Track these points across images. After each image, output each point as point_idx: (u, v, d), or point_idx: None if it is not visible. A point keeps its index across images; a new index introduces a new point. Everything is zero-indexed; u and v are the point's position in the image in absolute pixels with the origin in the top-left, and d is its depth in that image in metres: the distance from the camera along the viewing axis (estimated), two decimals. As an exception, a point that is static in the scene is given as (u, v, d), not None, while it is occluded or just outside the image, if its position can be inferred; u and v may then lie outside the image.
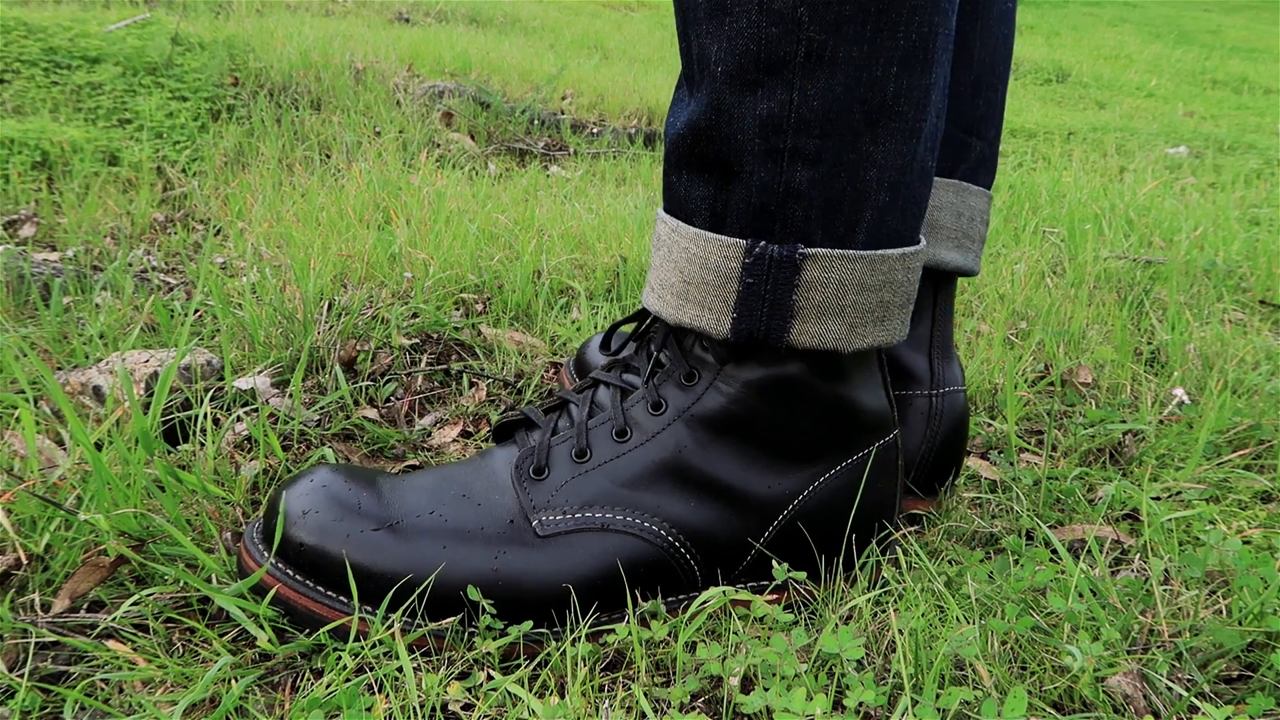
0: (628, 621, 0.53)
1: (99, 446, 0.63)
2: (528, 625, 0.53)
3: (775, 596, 0.57)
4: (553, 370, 0.92)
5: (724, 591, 0.53)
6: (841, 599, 0.57)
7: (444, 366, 0.90)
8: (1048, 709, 0.48)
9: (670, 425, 0.55)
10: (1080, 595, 0.54)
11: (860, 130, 0.48)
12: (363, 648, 0.50)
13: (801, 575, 0.55)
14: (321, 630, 0.50)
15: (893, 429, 0.58)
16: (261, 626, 0.51)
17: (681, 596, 0.55)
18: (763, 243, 0.50)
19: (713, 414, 0.54)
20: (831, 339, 0.51)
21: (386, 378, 0.87)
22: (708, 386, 0.54)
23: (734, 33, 0.47)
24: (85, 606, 0.54)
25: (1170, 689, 0.49)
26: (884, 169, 0.49)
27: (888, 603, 0.56)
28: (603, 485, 0.54)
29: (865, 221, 0.50)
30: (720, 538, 0.55)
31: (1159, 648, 0.52)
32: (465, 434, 0.81)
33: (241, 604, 0.51)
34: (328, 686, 0.48)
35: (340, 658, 0.49)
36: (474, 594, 0.50)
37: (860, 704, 0.47)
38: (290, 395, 0.77)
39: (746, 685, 0.50)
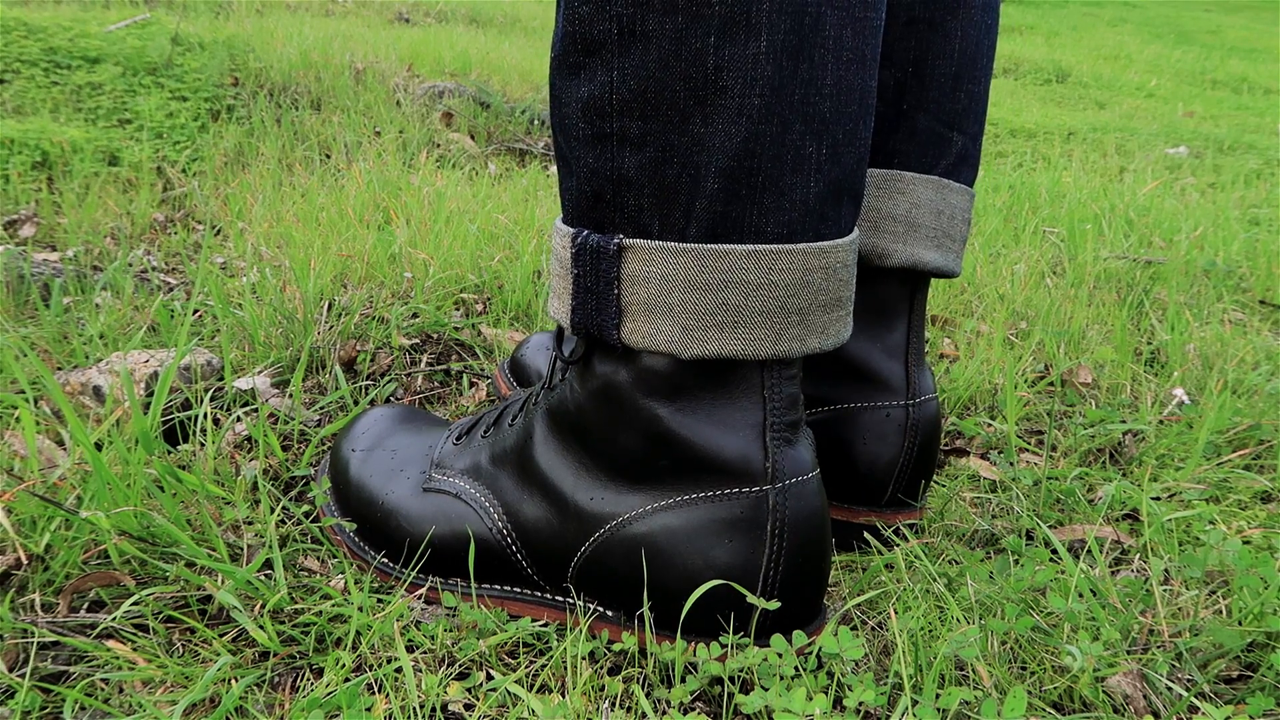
0: (635, 631, 0.53)
1: (99, 446, 0.63)
2: (526, 622, 0.53)
3: (596, 624, 0.53)
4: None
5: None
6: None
7: (444, 366, 0.90)
8: (1047, 709, 0.48)
9: (530, 415, 0.55)
10: (1080, 595, 0.54)
11: (688, 110, 0.43)
12: (363, 650, 0.50)
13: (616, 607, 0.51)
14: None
15: (762, 485, 0.48)
16: (261, 627, 0.51)
17: (513, 589, 0.55)
18: (585, 232, 0.47)
19: (556, 411, 0.53)
20: (664, 341, 0.46)
21: (386, 378, 0.87)
22: (560, 382, 0.53)
23: (562, 16, 0.45)
24: (85, 606, 0.54)
25: (1170, 689, 0.49)
26: (718, 153, 0.44)
27: (887, 603, 0.56)
28: (476, 458, 0.57)
29: (699, 212, 0.45)
30: (542, 536, 0.53)
31: (1159, 648, 0.52)
32: (465, 434, 0.81)
33: (242, 603, 0.51)
34: (328, 686, 0.48)
35: (340, 658, 0.49)
36: (348, 524, 0.60)
37: (860, 704, 0.47)
38: (290, 395, 0.77)
39: (746, 686, 0.50)
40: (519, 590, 0.55)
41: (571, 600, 0.53)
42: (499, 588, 0.55)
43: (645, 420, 0.48)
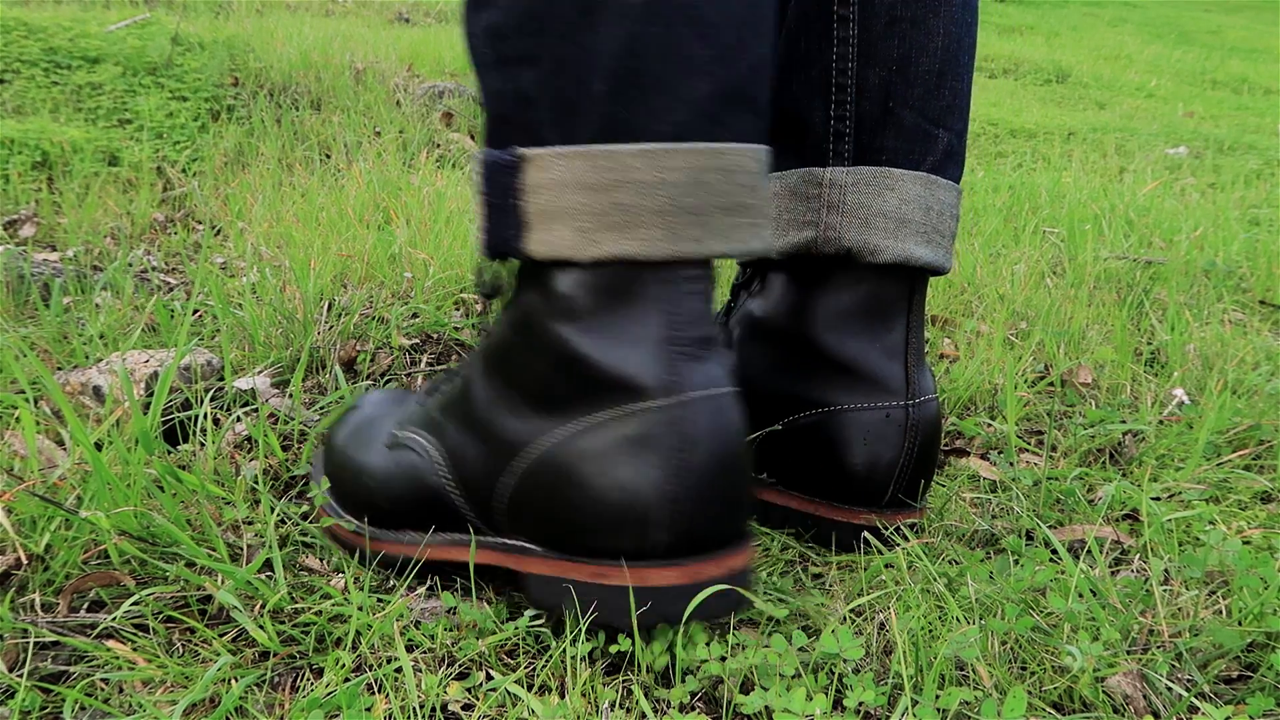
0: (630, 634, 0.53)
1: (99, 446, 0.63)
2: (524, 621, 0.53)
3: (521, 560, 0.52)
4: None
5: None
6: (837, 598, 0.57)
7: (444, 366, 0.90)
8: (1047, 709, 0.48)
9: (471, 360, 0.56)
10: (1080, 595, 0.54)
11: (574, 20, 0.45)
12: (363, 650, 0.50)
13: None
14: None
15: (663, 399, 0.47)
16: (261, 627, 0.51)
17: (460, 535, 0.55)
18: (487, 149, 0.48)
19: (488, 351, 0.54)
20: (564, 246, 0.46)
21: (386, 378, 0.87)
22: (497, 315, 0.54)
23: None
24: (85, 606, 0.54)
25: (1170, 689, 0.49)
26: (604, 56, 0.45)
27: (887, 603, 0.56)
28: (430, 411, 0.57)
29: (590, 115, 0.46)
30: (476, 476, 0.53)
31: (1159, 648, 0.52)
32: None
33: (242, 602, 0.51)
34: (328, 686, 0.48)
35: (339, 658, 0.49)
36: (325, 483, 0.61)
37: (860, 704, 0.47)
38: (290, 395, 0.77)
39: (746, 685, 0.50)
40: (462, 536, 0.55)
41: (509, 540, 0.53)
42: (449, 535, 0.56)
43: (555, 343, 0.49)
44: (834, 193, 0.62)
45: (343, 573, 0.58)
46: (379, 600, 0.56)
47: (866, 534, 0.64)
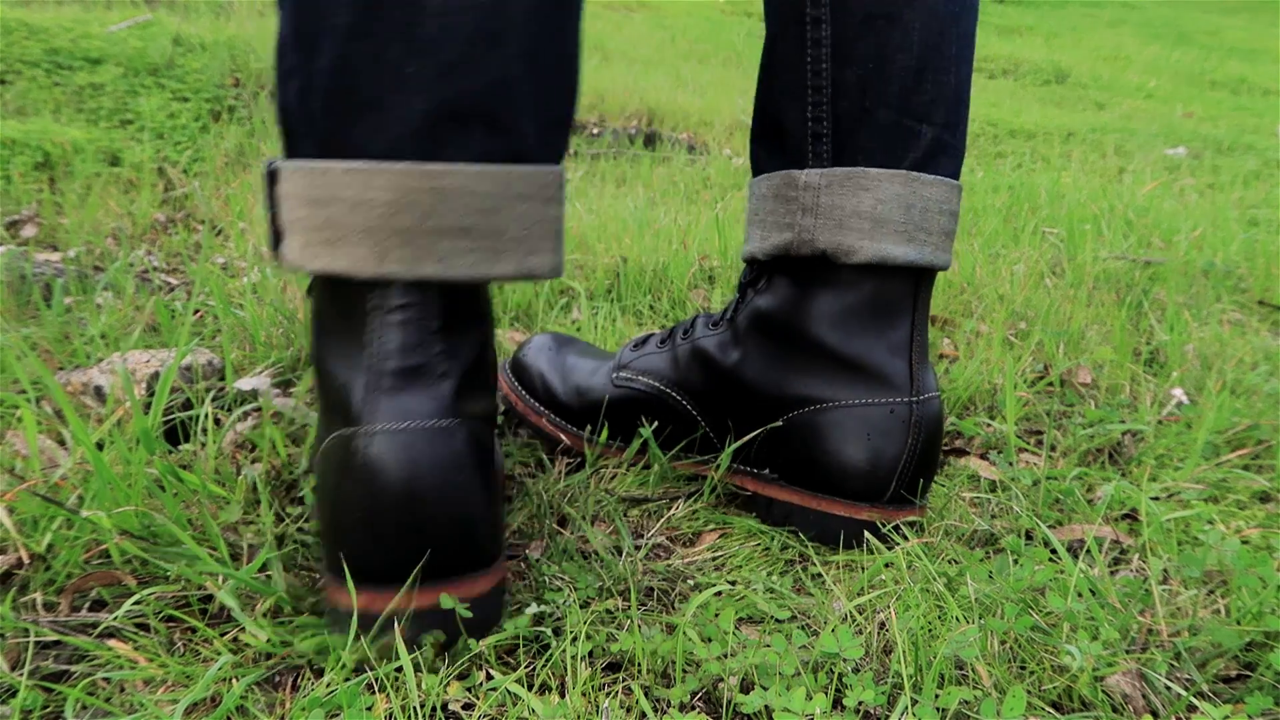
0: (630, 629, 0.53)
1: (100, 446, 0.64)
2: (524, 621, 0.53)
3: None
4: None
5: None
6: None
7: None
8: (1047, 708, 0.48)
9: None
10: (1079, 595, 0.54)
11: (311, 37, 0.47)
12: (361, 646, 0.50)
13: None
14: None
15: (359, 429, 0.47)
16: (261, 626, 0.51)
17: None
18: (266, 160, 0.50)
19: None
20: (292, 258, 0.47)
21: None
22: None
23: None
24: (87, 606, 0.54)
25: (1169, 688, 0.49)
26: (323, 74, 0.46)
27: (887, 603, 0.56)
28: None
29: (312, 132, 0.47)
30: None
31: (1158, 647, 0.52)
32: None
33: (243, 602, 0.51)
34: (328, 686, 0.48)
35: (339, 656, 0.49)
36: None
37: (860, 703, 0.48)
38: (291, 395, 0.78)
39: (746, 686, 0.50)
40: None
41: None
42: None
43: (312, 355, 0.51)
44: (808, 195, 0.62)
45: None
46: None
47: (867, 533, 0.64)
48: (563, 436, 0.75)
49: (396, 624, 0.48)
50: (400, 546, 0.48)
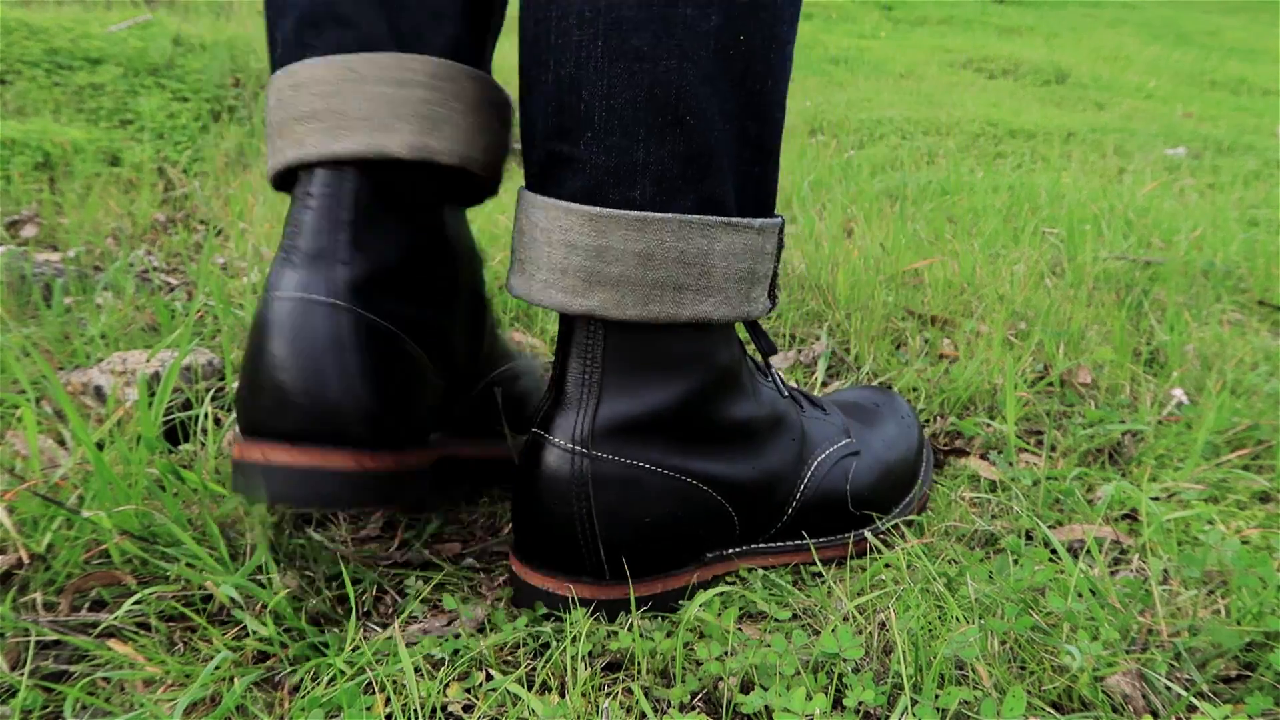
0: (630, 628, 0.53)
1: (100, 446, 0.64)
2: (522, 621, 0.53)
3: None
4: None
5: None
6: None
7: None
8: (1047, 708, 0.48)
9: None
10: (1079, 595, 0.54)
11: None
12: (363, 650, 0.50)
13: None
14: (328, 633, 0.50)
15: (267, 292, 0.52)
16: (263, 623, 0.51)
17: None
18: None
19: None
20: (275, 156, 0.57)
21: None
22: None
23: None
24: (87, 605, 0.54)
25: (1169, 688, 0.49)
26: None
27: (887, 603, 0.56)
28: None
29: (274, 48, 0.56)
30: None
31: (1158, 647, 0.52)
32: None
33: (242, 598, 0.51)
34: (329, 684, 0.48)
35: (335, 663, 0.49)
36: None
37: (860, 703, 0.48)
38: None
39: (746, 686, 0.50)
40: None
41: None
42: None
43: None
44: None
45: (341, 574, 0.58)
46: (379, 599, 0.56)
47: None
48: None
49: (257, 476, 0.51)
50: (261, 402, 0.51)
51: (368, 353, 0.51)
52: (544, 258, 0.52)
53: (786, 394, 0.62)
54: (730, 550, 0.60)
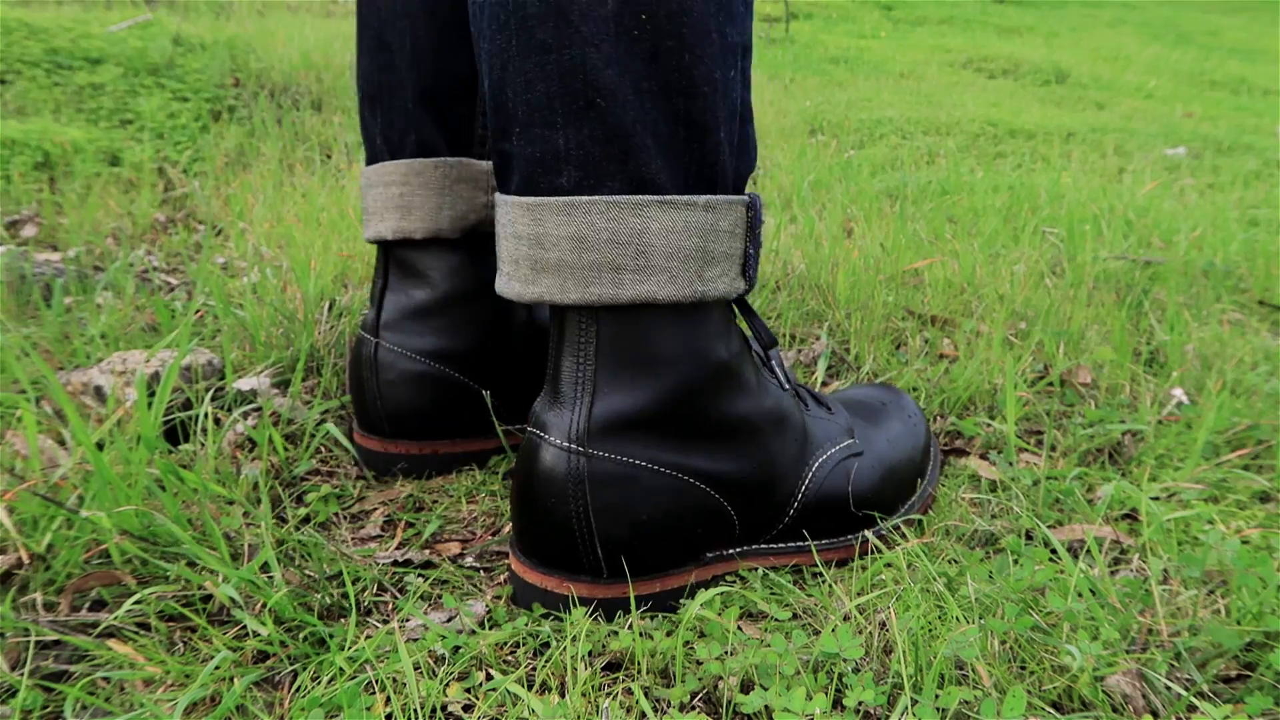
0: (630, 628, 0.53)
1: (100, 446, 0.64)
2: (522, 621, 0.53)
3: None
4: None
5: None
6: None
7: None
8: (1047, 708, 0.48)
9: None
10: (1079, 595, 0.54)
11: None
12: (363, 650, 0.50)
13: None
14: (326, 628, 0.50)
15: None
16: (263, 623, 0.51)
17: None
18: None
19: None
20: None
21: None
22: None
23: None
24: (87, 605, 0.54)
25: (1169, 688, 0.49)
26: None
27: (887, 603, 0.56)
28: None
29: None
30: None
31: (1158, 647, 0.52)
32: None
33: (242, 597, 0.51)
34: (329, 684, 0.48)
35: (336, 661, 0.49)
36: None
37: (860, 703, 0.48)
38: (290, 395, 0.78)
39: (746, 685, 0.50)
40: None
41: None
42: None
43: None
44: None
45: (341, 573, 0.58)
46: (378, 599, 0.56)
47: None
48: None
49: None
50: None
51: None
52: (504, 251, 0.54)
53: (788, 387, 0.62)
54: (731, 550, 0.59)
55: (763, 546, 0.61)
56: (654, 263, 0.51)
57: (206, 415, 0.69)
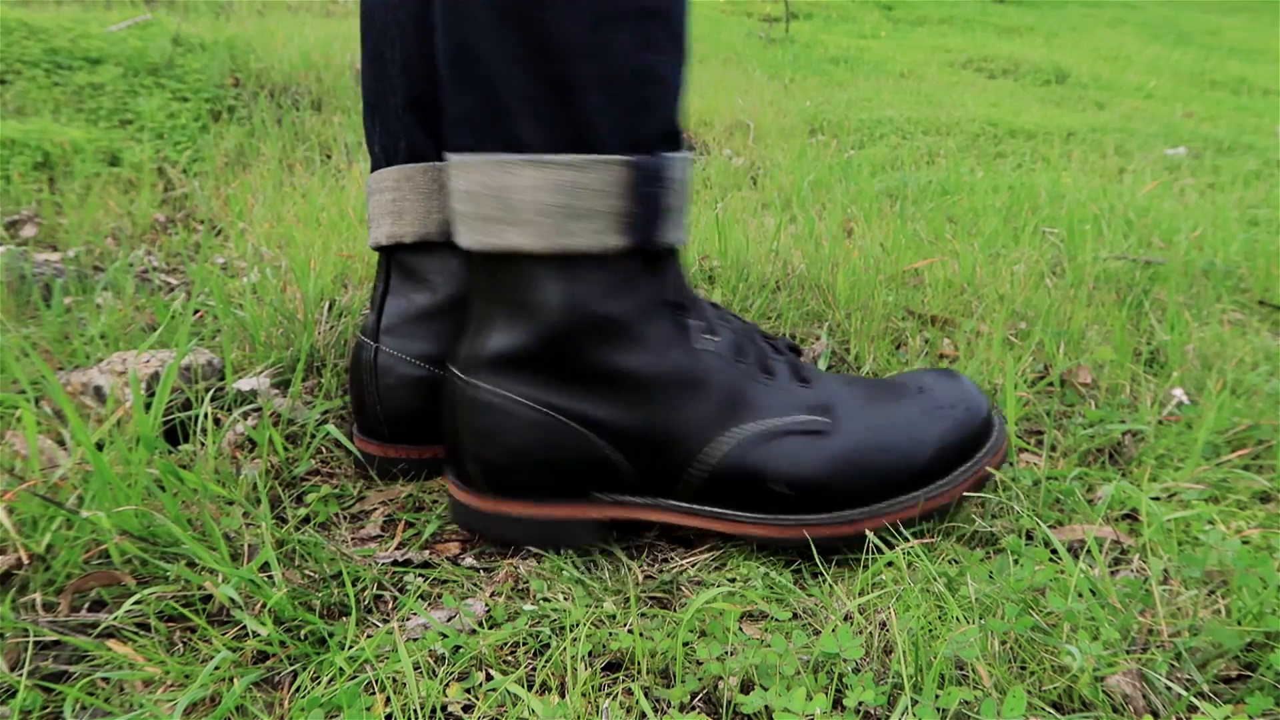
0: (630, 629, 0.53)
1: (100, 446, 0.64)
2: (522, 621, 0.53)
3: None
4: None
5: None
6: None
7: (444, 367, 0.90)
8: (1047, 708, 0.48)
9: None
10: (1080, 595, 0.54)
11: None
12: (363, 650, 0.50)
13: None
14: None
15: None
16: (263, 623, 0.51)
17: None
18: None
19: None
20: None
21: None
22: None
23: None
24: (86, 606, 0.54)
25: (1169, 689, 0.49)
26: None
27: (887, 603, 0.56)
28: None
29: None
30: None
31: (1158, 647, 0.52)
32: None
33: (243, 601, 0.51)
34: (329, 684, 0.48)
35: (336, 661, 0.49)
36: None
37: (860, 703, 0.48)
38: (290, 395, 0.78)
39: (746, 686, 0.50)
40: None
41: None
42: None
43: None
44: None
45: (341, 574, 0.58)
46: (378, 598, 0.56)
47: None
48: None
49: None
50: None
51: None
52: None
53: (714, 350, 0.61)
54: (631, 498, 0.62)
55: (673, 503, 0.62)
56: (521, 216, 0.56)
57: (206, 415, 0.69)
